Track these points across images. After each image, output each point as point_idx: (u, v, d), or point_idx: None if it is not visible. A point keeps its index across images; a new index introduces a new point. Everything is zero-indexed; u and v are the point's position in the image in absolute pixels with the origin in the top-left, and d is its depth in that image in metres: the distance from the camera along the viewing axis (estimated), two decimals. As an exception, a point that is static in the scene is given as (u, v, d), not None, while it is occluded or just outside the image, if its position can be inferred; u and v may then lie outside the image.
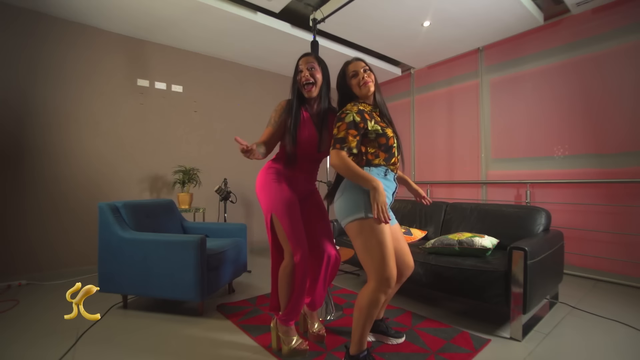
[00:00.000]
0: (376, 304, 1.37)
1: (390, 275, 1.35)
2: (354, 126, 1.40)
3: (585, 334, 1.86)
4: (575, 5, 2.90)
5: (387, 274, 1.35)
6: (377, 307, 1.38)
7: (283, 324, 1.64)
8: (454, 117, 4.12)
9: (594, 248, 2.96)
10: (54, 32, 2.97)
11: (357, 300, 1.42)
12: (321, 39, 3.50)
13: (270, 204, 1.63)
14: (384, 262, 1.35)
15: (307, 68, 1.60)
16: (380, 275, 1.35)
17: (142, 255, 2.10)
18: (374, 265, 1.36)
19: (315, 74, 1.61)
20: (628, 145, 2.80)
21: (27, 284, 2.77)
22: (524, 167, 3.45)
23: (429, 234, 2.82)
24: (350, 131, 1.40)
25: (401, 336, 1.78)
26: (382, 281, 1.35)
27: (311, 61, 1.61)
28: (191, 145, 3.77)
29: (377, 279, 1.36)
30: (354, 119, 1.41)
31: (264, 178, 1.69)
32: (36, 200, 2.88)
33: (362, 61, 1.52)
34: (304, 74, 1.60)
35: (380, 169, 1.46)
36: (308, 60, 1.62)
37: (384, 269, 1.35)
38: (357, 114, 1.42)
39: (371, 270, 1.38)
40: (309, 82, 1.59)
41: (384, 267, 1.35)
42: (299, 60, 1.64)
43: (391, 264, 1.36)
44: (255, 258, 3.75)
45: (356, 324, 1.41)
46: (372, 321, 1.41)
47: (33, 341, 1.80)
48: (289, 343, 1.61)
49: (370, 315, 1.38)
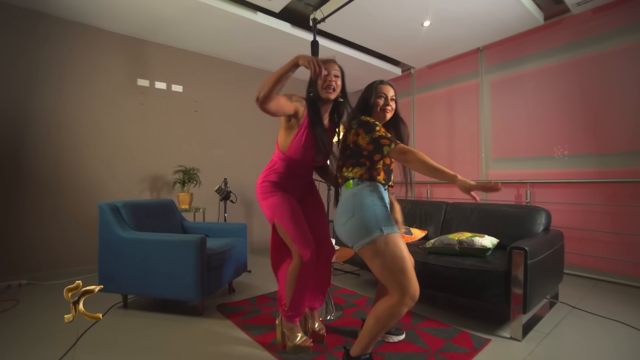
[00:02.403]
0: (397, 317, 1.32)
1: (415, 289, 1.31)
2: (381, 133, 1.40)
3: (585, 333, 1.86)
4: (576, 5, 2.90)
5: (412, 290, 1.30)
6: (396, 320, 1.34)
7: (289, 321, 1.67)
8: (454, 117, 4.12)
9: (594, 248, 2.96)
10: (54, 32, 2.97)
11: (376, 311, 1.35)
12: (321, 38, 3.50)
13: (271, 213, 1.67)
14: (407, 278, 1.30)
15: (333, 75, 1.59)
16: (406, 291, 1.30)
17: (143, 255, 2.10)
18: (398, 282, 1.31)
19: (339, 82, 1.61)
20: (628, 145, 2.80)
21: (27, 283, 2.77)
22: (524, 167, 3.45)
23: (429, 234, 2.82)
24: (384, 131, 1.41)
25: (401, 333, 1.78)
26: (407, 296, 1.30)
27: (337, 69, 1.62)
28: (191, 145, 3.77)
29: (402, 294, 1.30)
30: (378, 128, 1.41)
31: (261, 188, 1.71)
32: (36, 200, 2.88)
33: (394, 89, 1.56)
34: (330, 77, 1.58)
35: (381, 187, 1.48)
36: (334, 67, 1.61)
37: (409, 285, 1.30)
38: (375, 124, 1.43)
39: (395, 286, 1.32)
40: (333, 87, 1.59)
41: (408, 283, 1.30)
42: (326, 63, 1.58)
43: (414, 277, 1.32)
44: (255, 258, 3.75)
45: (369, 331, 1.37)
46: (385, 331, 1.40)
47: (33, 341, 1.80)
48: (294, 340, 1.63)
49: (388, 326, 1.35)
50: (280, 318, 1.73)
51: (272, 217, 1.67)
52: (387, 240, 1.33)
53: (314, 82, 1.60)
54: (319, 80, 1.58)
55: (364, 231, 1.35)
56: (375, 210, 1.38)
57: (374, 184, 1.46)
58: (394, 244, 1.33)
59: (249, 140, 4.23)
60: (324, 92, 1.58)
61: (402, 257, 1.32)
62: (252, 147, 4.25)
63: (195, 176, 3.46)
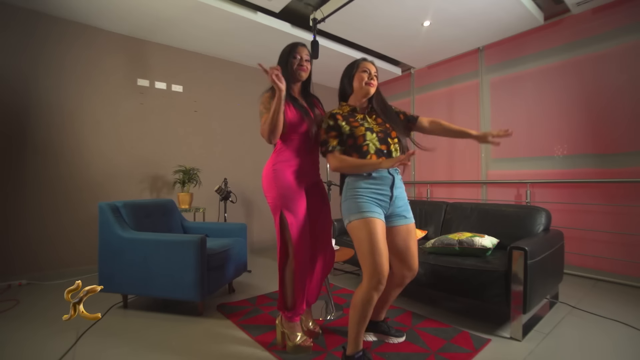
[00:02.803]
0: (369, 302, 1.39)
1: (380, 271, 1.37)
2: (330, 128, 1.56)
3: (585, 333, 1.86)
4: (576, 5, 2.90)
5: (378, 270, 1.36)
6: (370, 305, 1.40)
7: (289, 320, 1.67)
8: (454, 116, 4.12)
9: (594, 248, 2.96)
10: (54, 32, 2.97)
11: (352, 299, 1.45)
12: (321, 38, 3.50)
13: (278, 202, 1.64)
14: (373, 259, 1.37)
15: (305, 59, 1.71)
16: (371, 272, 1.38)
17: (143, 255, 2.10)
18: (365, 262, 1.40)
19: (308, 66, 1.73)
20: (628, 145, 2.80)
21: (27, 283, 2.77)
22: (524, 167, 3.45)
23: (429, 234, 2.82)
24: (330, 133, 1.55)
25: (402, 335, 1.78)
26: (372, 278, 1.37)
27: (307, 53, 1.73)
28: (191, 145, 3.77)
29: (368, 276, 1.39)
30: (329, 123, 1.57)
31: (270, 175, 1.68)
32: (36, 200, 2.88)
33: (375, 66, 1.63)
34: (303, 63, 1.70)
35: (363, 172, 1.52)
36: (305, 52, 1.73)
37: (374, 266, 1.37)
38: (329, 118, 1.58)
39: (363, 268, 1.41)
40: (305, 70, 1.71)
41: (373, 264, 1.37)
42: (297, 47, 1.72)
43: (380, 260, 1.37)
44: (255, 258, 3.75)
45: (351, 322, 1.44)
46: (366, 320, 1.42)
47: (33, 341, 1.79)
48: (294, 339, 1.63)
49: (364, 313, 1.40)
50: (280, 318, 1.73)
51: (280, 207, 1.63)
52: (357, 224, 1.43)
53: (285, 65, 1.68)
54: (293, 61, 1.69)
55: (346, 215, 1.50)
56: (355, 196, 1.47)
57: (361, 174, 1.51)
58: (359, 228, 1.42)
59: (249, 140, 4.23)
60: (298, 71, 1.69)
61: (364, 240, 1.40)
62: (252, 147, 4.25)
63: (195, 176, 3.46)
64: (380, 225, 1.43)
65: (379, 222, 1.44)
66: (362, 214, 1.43)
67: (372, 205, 1.45)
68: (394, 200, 1.52)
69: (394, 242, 1.56)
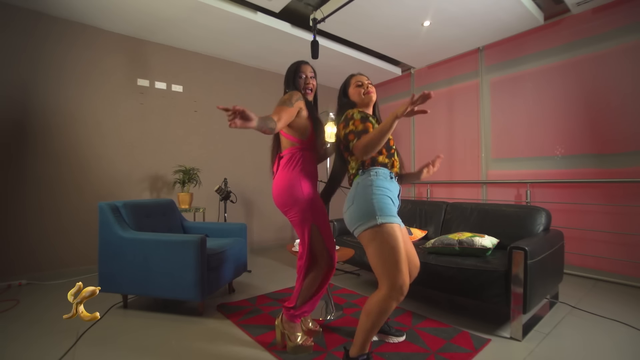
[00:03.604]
0: (387, 312, 1.34)
1: (404, 282, 1.32)
2: (367, 119, 1.49)
3: (585, 334, 1.86)
4: (576, 4, 2.90)
5: (401, 281, 1.32)
6: (387, 315, 1.35)
7: (291, 320, 1.67)
8: (454, 116, 4.12)
9: (594, 248, 2.96)
10: (54, 32, 2.97)
11: (367, 306, 1.37)
12: (321, 38, 3.50)
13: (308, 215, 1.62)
14: (397, 269, 1.32)
15: (310, 77, 1.76)
16: (394, 283, 1.31)
17: (143, 255, 2.10)
18: (387, 272, 1.33)
19: (314, 82, 1.78)
20: (628, 145, 2.80)
21: (27, 283, 2.77)
22: (524, 167, 3.45)
23: (429, 234, 2.82)
24: (367, 123, 1.47)
25: (402, 335, 1.78)
26: (395, 289, 1.31)
27: (311, 71, 1.78)
28: (191, 145, 3.77)
29: (390, 286, 1.32)
30: (362, 114, 1.51)
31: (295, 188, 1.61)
32: (37, 200, 2.88)
33: (365, 76, 1.65)
34: (309, 81, 1.75)
35: (385, 171, 1.48)
36: (309, 70, 1.78)
37: (397, 275, 1.31)
38: (356, 111, 1.54)
39: (384, 277, 1.34)
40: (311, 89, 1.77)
41: (397, 274, 1.31)
42: (301, 66, 1.76)
43: (404, 270, 1.33)
44: (255, 258, 3.75)
45: (362, 328, 1.38)
46: (379, 328, 1.38)
47: (33, 341, 1.80)
48: (295, 339, 1.64)
49: (379, 322, 1.35)
50: (281, 318, 1.72)
51: (311, 220, 1.62)
52: (382, 229, 1.34)
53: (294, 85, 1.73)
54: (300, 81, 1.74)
55: (361, 219, 1.38)
56: (373, 199, 1.39)
57: (377, 170, 1.46)
58: (387, 234, 1.34)
59: (249, 140, 4.23)
60: (305, 91, 1.75)
61: (392, 248, 1.33)
62: (252, 147, 4.25)
63: (195, 176, 3.46)
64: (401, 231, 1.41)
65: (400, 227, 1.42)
66: (390, 217, 1.36)
67: (394, 208, 1.43)
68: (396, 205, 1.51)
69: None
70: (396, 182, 1.53)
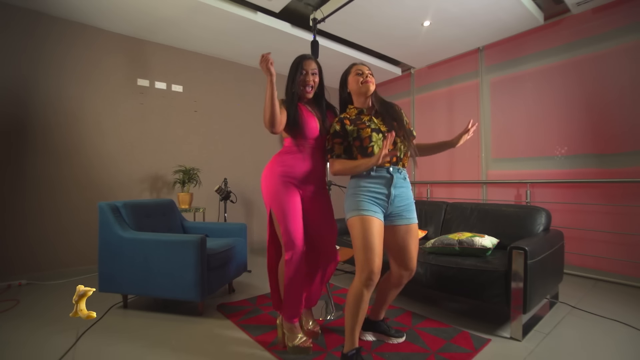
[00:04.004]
0: (360, 298, 1.41)
1: (370, 267, 1.39)
2: (337, 135, 1.58)
3: (585, 334, 1.86)
4: (576, 4, 2.90)
5: (368, 265, 1.39)
6: (362, 302, 1.42)
7: (287, 321, 1.67)
8: (454, 116, 4.12)
9: (594, 248, 2.96)
10: (54, 32, 2.97)
11: (346, 297, 1.48)
12: (321, 38, 3.50)
13: (270, 199, 1.68)
14: (364, 255, 1.40)
15: (311, 73, 1.69)
16: (361, 267, 1.41)
17: (143, 255, 2.10)
18: (357, 257, 1.44)
19: (315, 79, 1.72)
20: (628, 145, 2.80)
21: (27, 283, 2.77)
22: (524, 167, 3.45)
23: (429, 234, 2.82)
24: (335, 140, 1.58)
25: (402, 335, 1.78)
26: (362, 274, 1.40)
27: (314, 67, 1.71)
28: (191, 145, 3.77)
29: (359, 271, 1.42)
30: (335, 128, 1.59)
31: (269, 171, 1.71)
32: (36, 200, 2.88)
33: (366, 66, 1.66)
34: (309, 77, 1.69)
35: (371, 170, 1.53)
36: (312, 66, 1.70)
37: (364, 261, 1.40)
38: (337, 122, 1.59)
39: (356, 264, 1.45)
40: (311, 85, 1.71)
41: (364, 260, 1.40)
42: (303, 61, 1.69)
43: (371, 256, 1.40)
44: (255, 258, 3.75)
45: (346, 320, 1.47)
46: (359, 317, 1.44)
47: (33, 341, 1.79)
48: (293, 340, 1.63)
49: (356, 310, 1.42)
50: (281, 318, 1.73)
51: (270, 204, 1.68)
52: (353, 221, 1.48)
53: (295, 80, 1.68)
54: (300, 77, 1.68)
55: (346, 212, 1.54)
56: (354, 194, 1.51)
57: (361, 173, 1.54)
58: (354, 224, 1.46)
59: (249, 140, 4.24)
60: (305, 92, 1.70)
61: (357, 236, 1.44)
62: (252, 147, 4.25)
63: (195, 176, 3.46)
64: (377, 224, 1.45)
65: (375, 220, 1.46)
66: (359, 211, 1.47)
67: (369, 203, 1.48)
68: (392, 199, 1.51)
69: (393, 240, 1.57)
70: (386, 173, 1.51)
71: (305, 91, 1.70)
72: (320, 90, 1.77)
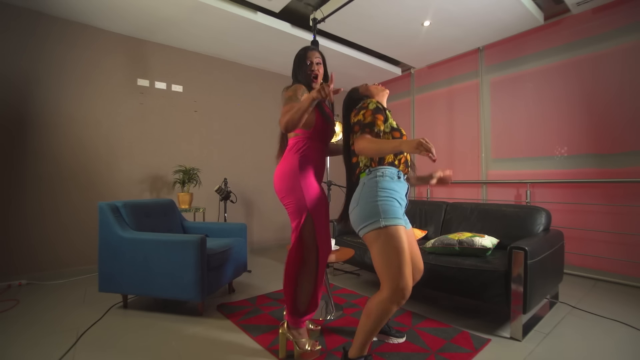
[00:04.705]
0: (387, 314, 1.32)
1: (406, 285, 1.30)
2: (379, 112, 1.45)
3: (585, 334, 1.86)
4: (576, 5, 2.90)
5: (403, 283, 1.29)
6: (388, 317, 1.33)
7: (297, 326, 1.62)
8: (454, 116, 4.12)
9: (594, 248, 2.96)
10: (54, 32, 2.97)
11: (367, 307, 1.36)
12: (321, 38, 3.50)
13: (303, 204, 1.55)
14: (400, 271, 1.29)
15: (315, 63, 1.68)
16: (396, 285, 1.29)
17: (142, 255, 2.10)
18: (390, 274, 1.31)
19: (320, 69, 1.70)
20: (628, 145, 2.80)
21: (27, 283, 2.77)
22: (524, 167, 3.45)
23: (429, 234, 2.82)
24: (378, 115, 1.43)
25: (402, 336, 1.78)
26: (397, 291, 1.29)
27: (318, 56, 1.70)
28: (191, 145, 3.77)
29: (392, 289, 1.30)
30: (378, 106, 1.46)
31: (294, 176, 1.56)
32: (37, 200, 2.88)
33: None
34: (314, 67, 1.67)
35: (392, 170, 1.44)
36: (316, 55, 1.69)
37: (400, 278, 1.29)
38: (377, 103, 1.48)
39: (386, 279, 1.32)
40: (316, 75, 1.68)
41: (399, 277, 1.29)
42: (307, 52, 1.69)
43: (407, 273, 1.30)
44: (255, 258, 3.75)
45: (362, 329, 1.36)
46: (379, 330, 1.37)
47: (33, 341, 1.79)
48: (303, 346, 1.59)
49: (379, 324, 1.34)
50: (286, 325, 1.64)
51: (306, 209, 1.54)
52: (385, 231, 1.32)
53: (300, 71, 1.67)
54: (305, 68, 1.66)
55: (365, 220, 1.37)
56: (378, 201, 1.36)
57: (384, 170, 1.43)
58: (390, 236, 1.32)
59: (249, 140, 4.23)
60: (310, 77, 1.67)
61: (395, 250, 1.30)
62: (252, 147, 4.25)
63: (195, 176, 3.46)
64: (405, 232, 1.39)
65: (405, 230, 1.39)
66: (396, 220, 1.34)
67: (400, 211, 1.39)
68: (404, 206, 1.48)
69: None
70: (404, 182, 1.49)
71: (311, 81, 1.67)
72: (324, 80, 1.74)
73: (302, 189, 1.55)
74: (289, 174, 1.57)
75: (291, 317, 1.62)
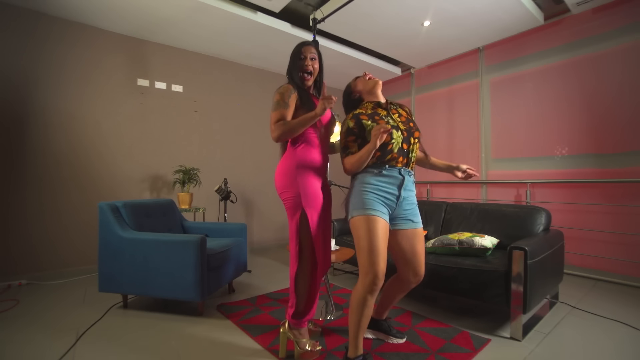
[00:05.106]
0: (363, 304, 1.36)
1: (375, 271, 1.33)
2: (351, 132, 1.50)
3: (585, 334, 1.86)
4: (576, 5, 2.90)
5: (373, 269, 1.34)
6: (366, 307, 1.36)
7: (298, 326, 1.62)
8: (454, 116, 4.12)
9: (594, 248, 2.96)
10: (54, 32, 2.97)
11: (350, 301, 1.43)
12: (321, 38, 3.50)
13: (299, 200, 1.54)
14: (369, 257, 1.35)
15: (310, 58, 1.65)
16: (365, 270, 1.36)
17: (142, 255, 2.10)
18: (361, 260, 1.39)
19: (315, 65, 1.67)
20: (628, 145, 2.80)
21: (27, 283, 2.77)
22: (524, 167, 3.45)
23: (429, 234, 2.82)
24: (349, 138, 1.50)
25: (403, 336, 1.78)
26: (366, 276, 1.35)
27: (313, 52, 1.67)
28: (191, 145, 3.77)
29: (362, 275, 1.37)
30: (349, 125, 1.51)
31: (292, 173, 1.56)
32: (37, 200, 2.88)
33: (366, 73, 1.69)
34: (307, 62, 1.64)
35: (373, 168, 1.46)
36: (311, 51, 1.66)
37: (369, 264, 1.35)
38: (351, 119, 1.51)
39: (359, 266, 1.40)
40: (310, 71, 1.65)
41: (368, 262, 1.35)
42: (302, 47, 1.66)
43: (376, 259, 1.34)
44: (255, 258, 3.75)
45: (349, 324, 1.42)
46: (363, 322, 1.39)
47: (33, 341, 1.79)
48: (304, 346, 1.59)
49: (360, 315, 1.37)
50: (287, 325, 1.64)
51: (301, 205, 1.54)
52: (358, 220, 1.42)
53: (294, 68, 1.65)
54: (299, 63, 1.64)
55: (350, 209, 1.48)
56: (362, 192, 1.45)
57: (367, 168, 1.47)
58: (359, 224, 1.41)
59: (248, 140, 4.23)
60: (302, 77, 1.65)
61: (362, 237, 1.38)
62: (252, 147, 4.25)
63: (195, 176, 3.46)
64: (382, 225, 1.40)
65: (381, 221, 1.40)
66: (366, 210, 1.40)
67: (377, 203, 1.42)
68: (401, 201, 1.47)
69: (400, 245, 1.52)
70: (399, 175, 1.47)
71: (303, 77, 1.64)
72: (320, 79, 1.72)
73: (299, 186, 1.55)
74: (288, 171, 1.59)
75: (292, 316, 1.62)
